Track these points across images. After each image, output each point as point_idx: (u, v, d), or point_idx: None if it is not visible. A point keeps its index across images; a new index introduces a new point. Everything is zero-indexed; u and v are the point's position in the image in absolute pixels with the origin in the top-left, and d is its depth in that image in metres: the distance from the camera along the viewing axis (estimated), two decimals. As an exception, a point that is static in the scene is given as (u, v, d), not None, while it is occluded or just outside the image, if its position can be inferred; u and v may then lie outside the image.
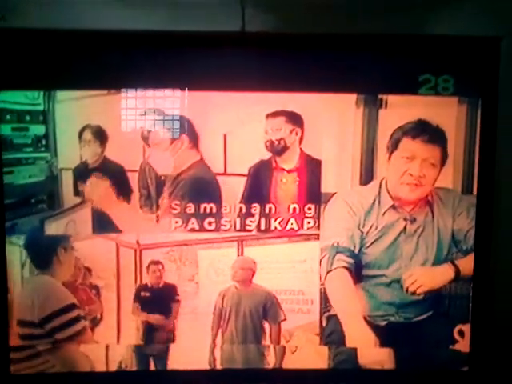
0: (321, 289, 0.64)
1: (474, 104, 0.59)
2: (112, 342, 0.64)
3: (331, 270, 0.63)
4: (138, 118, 0.60)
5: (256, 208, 0.62)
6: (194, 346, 0.64)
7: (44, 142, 0.60)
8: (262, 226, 0.62)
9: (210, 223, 0.62)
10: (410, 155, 0.61)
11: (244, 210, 0.62)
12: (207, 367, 0.64)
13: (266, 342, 0.65)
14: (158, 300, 0.64)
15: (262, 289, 0.64)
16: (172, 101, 0.60)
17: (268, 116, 0.61)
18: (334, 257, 0.63)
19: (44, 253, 0.62)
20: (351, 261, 0.63)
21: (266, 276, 0.64)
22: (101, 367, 0.63)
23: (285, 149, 0.62)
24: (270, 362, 0.65)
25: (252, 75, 0.59)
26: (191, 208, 0.62)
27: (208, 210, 0.62)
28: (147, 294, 0.63)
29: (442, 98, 0.59)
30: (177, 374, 0.64)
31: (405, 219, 0.63)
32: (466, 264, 0.63)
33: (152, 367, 0.64)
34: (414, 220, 0.63)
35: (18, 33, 0.55)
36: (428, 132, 0.60)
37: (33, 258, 0.62)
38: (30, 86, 0.58)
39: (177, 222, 0.62)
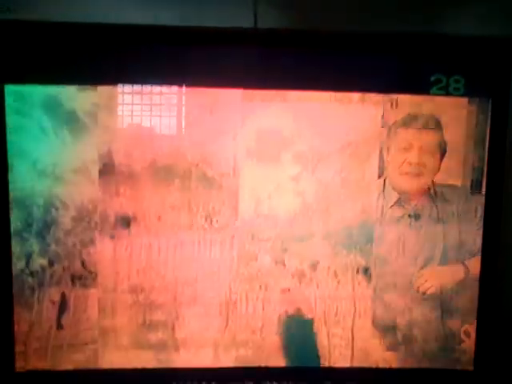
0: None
1: (484, 104, 0.59)
2: (116, 339, 0.63)
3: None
4: (147, 114, 0.59)
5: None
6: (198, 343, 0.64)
7: (53, 137, 0.59)
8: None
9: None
10: (407, 145, 0.61)
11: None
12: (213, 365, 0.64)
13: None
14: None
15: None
16: (179, 97, 0.59)
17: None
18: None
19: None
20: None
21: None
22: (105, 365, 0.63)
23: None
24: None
25: (263, 72, 0.58)
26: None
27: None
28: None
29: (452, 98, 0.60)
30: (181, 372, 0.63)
31: (409, 216, 0.63)
32: (474, 263, 0.63)
33: (157, 365, 0.63)
34: (418, 216, 0.63)
35: (24, 25, 0.54)
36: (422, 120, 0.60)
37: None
38: (35, 80, 0.57)
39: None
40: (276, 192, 0.62)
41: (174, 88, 0.58)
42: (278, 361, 0.64)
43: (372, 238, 0.63)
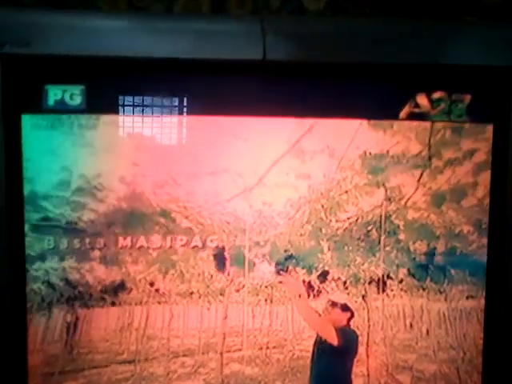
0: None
1: (485, 130, 0.61)
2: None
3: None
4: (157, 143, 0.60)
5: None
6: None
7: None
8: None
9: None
10: None
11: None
12: None
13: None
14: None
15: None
16: (190, 126, 0.60)
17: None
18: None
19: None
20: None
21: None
22: None
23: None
24: None
25: (273, 102, 0.60)
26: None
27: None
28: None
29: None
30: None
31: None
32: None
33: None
34: None
35: (43, 59, 0.56)
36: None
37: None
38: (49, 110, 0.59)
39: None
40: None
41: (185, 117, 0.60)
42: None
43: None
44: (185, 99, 0.59)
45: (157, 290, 0.61)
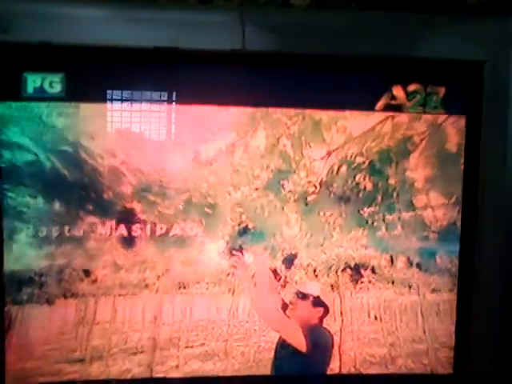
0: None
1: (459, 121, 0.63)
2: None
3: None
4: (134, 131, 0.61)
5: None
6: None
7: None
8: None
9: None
10: None
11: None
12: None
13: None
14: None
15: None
16: (168, 116, 0.61)
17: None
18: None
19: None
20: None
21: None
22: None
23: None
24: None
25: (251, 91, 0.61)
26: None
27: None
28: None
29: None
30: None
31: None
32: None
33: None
34: None
35: (20, 46, 0.56)
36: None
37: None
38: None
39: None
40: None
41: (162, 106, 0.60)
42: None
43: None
44: (164, 89, 0.60)
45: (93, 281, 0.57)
